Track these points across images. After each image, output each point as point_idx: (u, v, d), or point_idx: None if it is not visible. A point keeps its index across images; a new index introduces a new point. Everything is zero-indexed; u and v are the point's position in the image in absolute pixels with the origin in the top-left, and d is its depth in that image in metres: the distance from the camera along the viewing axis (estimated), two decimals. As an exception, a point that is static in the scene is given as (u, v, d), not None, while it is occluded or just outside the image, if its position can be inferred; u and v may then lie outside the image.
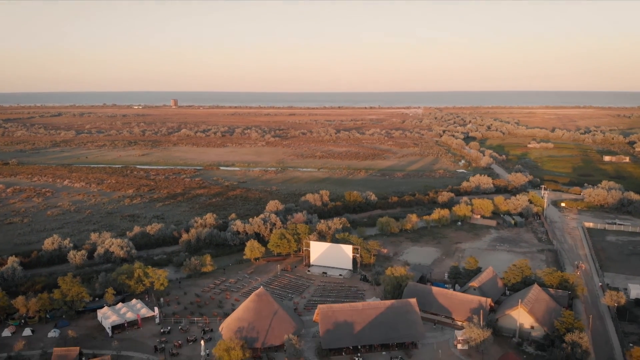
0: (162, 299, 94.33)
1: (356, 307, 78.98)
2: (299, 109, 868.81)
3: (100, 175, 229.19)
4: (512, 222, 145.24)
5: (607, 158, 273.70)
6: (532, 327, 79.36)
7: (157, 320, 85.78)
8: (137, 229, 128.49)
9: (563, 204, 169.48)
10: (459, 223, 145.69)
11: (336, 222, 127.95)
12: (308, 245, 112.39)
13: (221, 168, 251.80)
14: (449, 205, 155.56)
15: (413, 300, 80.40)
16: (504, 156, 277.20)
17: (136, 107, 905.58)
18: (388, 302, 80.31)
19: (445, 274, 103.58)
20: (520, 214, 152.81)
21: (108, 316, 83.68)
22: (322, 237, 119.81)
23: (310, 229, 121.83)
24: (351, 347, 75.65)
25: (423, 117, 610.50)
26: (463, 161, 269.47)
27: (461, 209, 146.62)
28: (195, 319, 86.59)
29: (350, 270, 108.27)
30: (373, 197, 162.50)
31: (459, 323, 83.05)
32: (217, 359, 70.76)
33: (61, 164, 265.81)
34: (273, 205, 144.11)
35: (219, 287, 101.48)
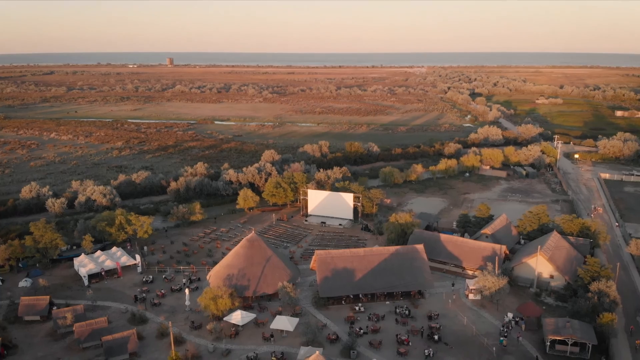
0: (145, 248, 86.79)
1: (357, 253, 71.28)
2: (299, 67, 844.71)
3: (88, 128, 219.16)
4: (524, 173, 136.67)
5: (619, 113, 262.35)
6: (552, 277, 71.92)
7: (139, 269, 78.47)
8: (122, 177, 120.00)
9: (576, 156, 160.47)
10: (467, 174, 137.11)
11: (336, 172, 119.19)
12: (305, 194, 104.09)
13: (216, 122, 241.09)
14: (456, 157, 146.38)
15: (420, 247, 72.62)
16: (512, 111, 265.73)
17: (131, 66, 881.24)
18: (392, 248, 72.56)
19: (454, 223, 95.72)
20: (532, 165, 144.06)
21: (85, 264, 76.21)
22: (320, 187, 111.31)
23: (308, 178, 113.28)
24: (351, 296, 68.48)
25: (427, 75, 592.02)
26: (469, 116, 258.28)
27: (469, 160, 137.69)
28: (181, 267, 79.26)
29: (350, 220, 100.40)
30: (375, 149, 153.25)
31: (470, 272, 75.69)
32: (202, 309, 63.65)
33: (49, 118, 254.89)
34: (269, 155, 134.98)
35: (208, 236, 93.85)
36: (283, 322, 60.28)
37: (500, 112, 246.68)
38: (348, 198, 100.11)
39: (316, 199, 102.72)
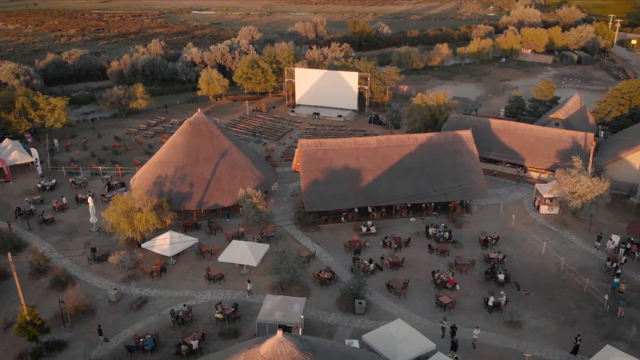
0: (56, 142, 60.35)
1: (366, 143, 44.74)
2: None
3: (42, 18, 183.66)
4: (575, 58, 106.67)
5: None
6: (666, 180, 46.36)
7: (40, 171, 52.73)
8: (50, 57, 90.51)
9: (633, 42, 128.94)
10: (503, 59, 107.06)
11: (335, 49, 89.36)
12: (292, 76, 75.42)
13: (193, 12, 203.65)
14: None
15: (467, 133, 45.87)
16: (542, 0, 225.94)
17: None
18: (422, 136, 45.77)
19: (501, 110, 68.44)
20: (584, 49, 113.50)
21: (-50, 163, 50.35)
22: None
23: (296, 57, 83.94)
24: (356, 210, 43.35)
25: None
26: (493, 6, 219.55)
27: (508, 41, 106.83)
28: (100, 169, 53.42)
29: (354, 110, 73.04)
30: (386, 30, 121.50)
31: (535, 175, 50.05)
32: (110, 229, 38.67)
33: (2, 11, 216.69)
34: (246, 32, 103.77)
35: (153, 128, 67.10)
36: (241, 251, 35.51)
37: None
38: (351, 79, 71.76)
39: (307, 82, 74.30)
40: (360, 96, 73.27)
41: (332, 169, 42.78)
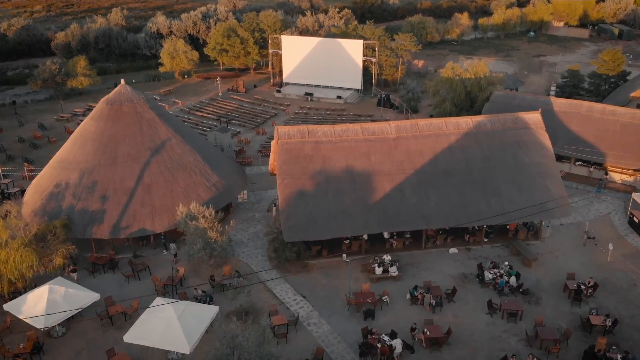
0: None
1: (379, 131, 29.07)
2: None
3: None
4: (616, 32, 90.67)
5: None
6: None
7: None
8: (-15, 29, 74.58)
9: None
10: (532, 33, 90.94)
11: (333, 16, 73.31)
12: (279, 46, 59.42)
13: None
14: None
15: (534, 116, 30.09)
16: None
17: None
18: (465, 120, 30.15)
19: (552, 88, 52.59)
20: (624, 22, 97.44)
21: None
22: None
23: (285, 25, 68.02)
24: (365, 238, 27.88)
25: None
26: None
27: (537, 11, 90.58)
28: (0, 169, 37.76)
29: (357, 90, 57.36)
30: (393, 0, 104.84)
31: (619, 178, 34.68)
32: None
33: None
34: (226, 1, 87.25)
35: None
36: (165, 323, 20.05)
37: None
38: (354, 49, 55.82)
39: (297, 54, 58.36)
40: (366, 72, 57.55)
41: (326, 173, 27.29)
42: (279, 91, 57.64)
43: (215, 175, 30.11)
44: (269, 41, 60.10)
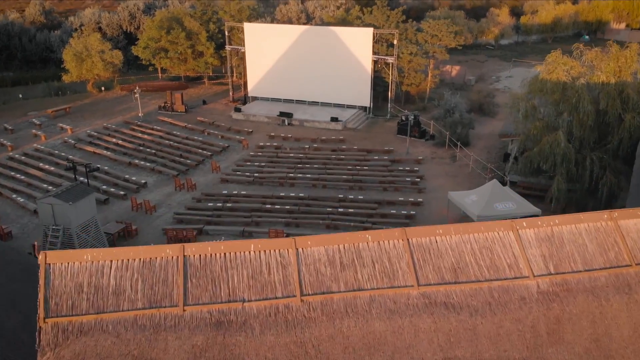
0: None
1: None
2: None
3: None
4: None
5: None
6: None
7: None
8: None
9: None
10: (586, 37, 70.47)
11: (327, 4, 52.69)
12: (240, 41, 38.22)
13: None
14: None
15: None
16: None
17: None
18: None
19: None
20: (700, 26, 77.35)
21: None
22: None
23: (256, 14, 47.03)
24: None
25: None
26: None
27: (594, 9, 70.55)
28: None
29: (363, 109, 36.10)
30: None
31: None
32: None
33: None
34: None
35: None
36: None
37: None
38: (359, 42, 34.70)
39: (269, 52, 37.00)
40: (378, 80, 36.47)
41: None
42: (238, 110, 36.18)
43: None
44: (226, 33, 38.88)
